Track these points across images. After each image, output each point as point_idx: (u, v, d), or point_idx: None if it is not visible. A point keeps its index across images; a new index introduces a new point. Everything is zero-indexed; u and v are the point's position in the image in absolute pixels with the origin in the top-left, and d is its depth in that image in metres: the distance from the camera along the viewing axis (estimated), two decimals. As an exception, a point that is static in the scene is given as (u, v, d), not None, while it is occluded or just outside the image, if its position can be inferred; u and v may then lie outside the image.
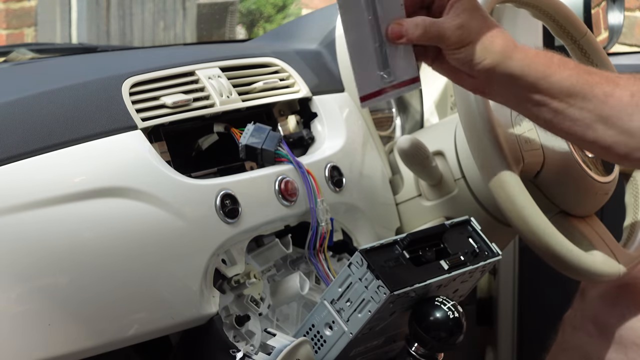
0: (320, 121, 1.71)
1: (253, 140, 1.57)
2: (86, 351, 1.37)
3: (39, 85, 1.51)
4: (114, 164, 1.41)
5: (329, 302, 1.43)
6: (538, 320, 2.18)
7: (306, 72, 1.74)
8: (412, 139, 1.68)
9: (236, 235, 1.50)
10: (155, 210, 1.42)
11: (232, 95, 1.60)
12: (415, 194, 1.79)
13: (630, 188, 1.81)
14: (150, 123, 1.49)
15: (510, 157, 1.58)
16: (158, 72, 1.55)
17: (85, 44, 3.64)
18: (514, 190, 1.55)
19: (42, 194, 1.34)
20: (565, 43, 1.78)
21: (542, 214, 1.57)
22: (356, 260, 1.40)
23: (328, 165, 1.65)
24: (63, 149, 1.39)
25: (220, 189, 1.49)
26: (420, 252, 1.45)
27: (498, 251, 1.52)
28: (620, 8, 2.20)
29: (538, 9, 1.72)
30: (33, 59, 2.06)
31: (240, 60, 1.68)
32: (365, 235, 1.69)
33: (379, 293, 1.38)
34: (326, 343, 1.44)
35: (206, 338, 1.47)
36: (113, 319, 1.38)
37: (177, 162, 1.51)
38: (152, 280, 1.41)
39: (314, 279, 1.61)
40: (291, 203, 1.57)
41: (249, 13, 5.53)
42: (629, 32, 3.23)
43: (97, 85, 1.49)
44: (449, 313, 1.40)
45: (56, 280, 1.34)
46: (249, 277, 1.52)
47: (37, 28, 4.88)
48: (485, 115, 1.56)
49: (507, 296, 2.19)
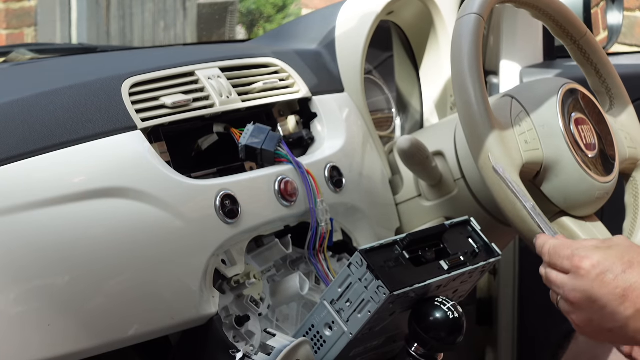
0: (320, 121, 1.72)
1: (253, 141, 1.57)
2: (86, 351, 1.37)
3: (39, 85, 1.51)
4: (113, 164, 1.41)
5: (328, 303, 1.43)
6: (538, 320, 2.18)
7: (306, 73, 1.74)
8: (412, 139, 1.68)
9: (236, 235, 1.50)
10: (155, 210, 1.42)
11: (231, 95, 1.60)
12: (415, 194, 1.79)
13: (630, 188, 1.81)
14: (150, 123, 1.49)
15: (510, 157, 1.58)
16: (158, 73, 1.55)
17: (85, 44, 3.64)
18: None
19: (42, 195, 1.34)
20: (565, 43, 1.78)
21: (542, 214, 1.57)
22: (356, 260, 1.40)
23: (328, 165, 1.65)
24: (63, 149, 1.39)
25: (220, 189, 1.49)
26: (420, 252, 1.45)
27: (498, 251, 1.52)
28: (619, 8, 2.20)
29: (538, 9, 1.72)
30: (33, 59, 2.06)
31: (240, 60, 1.68)
32: (365, 236, 1.69)
33: (379, 293, 1.38)
34: (326, 343, 1.44)
35: (206, 338, 1.47)
36: (113, 319, 1.38)
37: (177, 162, 1.51)
38: (152, 281, 1.41)
39: (313, 279, 1.61)
40: (291, 203, 1.57)
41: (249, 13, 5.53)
42: (628, 32, 3.23)
43: (97, 85, 1.49)
44: (448, 313, 1.40)
45: (56, 281, 1.34)
46: (248, 278, 1.52)
47: (37, 28, 4.88)
48: (485, 115, 1.56)
49: (507, 296, 2.19)
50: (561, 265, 1.35)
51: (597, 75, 1.81)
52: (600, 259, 1.31)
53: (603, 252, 1.32)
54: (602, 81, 1.81)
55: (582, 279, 1.32)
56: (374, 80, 2.04)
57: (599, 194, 1.69)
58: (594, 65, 1.79)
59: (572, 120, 1.69)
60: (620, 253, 1.32)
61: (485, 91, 1.57)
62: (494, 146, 1.55)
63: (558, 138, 1.66)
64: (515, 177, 1.56)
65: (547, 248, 1.38)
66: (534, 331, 2.19)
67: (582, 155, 1.68)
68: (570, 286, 1.33)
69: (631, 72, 2.12)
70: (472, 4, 1.60)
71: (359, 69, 1.81)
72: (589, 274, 1.31)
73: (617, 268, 1.30)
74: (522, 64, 2.10)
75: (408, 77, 2.04)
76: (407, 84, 2.04)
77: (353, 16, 1.86)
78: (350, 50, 1.82)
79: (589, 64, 1.79)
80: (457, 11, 1.97)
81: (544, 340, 2.17)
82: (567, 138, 1.66)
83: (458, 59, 1.57)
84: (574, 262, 1.33)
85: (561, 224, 1.68)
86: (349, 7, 1.89)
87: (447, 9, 1.98)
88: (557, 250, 1.36)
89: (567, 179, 1.67)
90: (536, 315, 2.18)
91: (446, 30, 1.98)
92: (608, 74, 1.80)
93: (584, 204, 1.69)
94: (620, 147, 1.77)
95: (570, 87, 1.72)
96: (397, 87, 2.05)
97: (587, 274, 1.31)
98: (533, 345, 2.21)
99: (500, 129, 1.59)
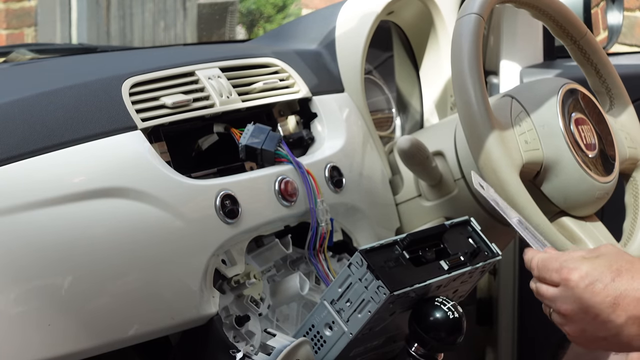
0: (320, 121, 1.72)
1: (253, 141, 1.57)
2: (86, 351, 1.37)
3: (39, 85, 1.51)
4: (113, 164, 1.41)
5: (328, 303, 1.43)
6: (538, 320, 2.18)
7: (306, 73, 1.74)
8: (412, 139, 1.68)
9: (236, 235, 1.50)
10: (155, 210, 1.42)
11: (232, 95, 1.60)
12: (415, 194, 1.79)
13: (630, 188, 1.81)
14: (150, 123, 1.49)
15: (510, 157, 1.58)
16: (158, 73, 1.55)
17: (85, 44, 3.64)
18: (514, 190, 1.55)
19: (42, 195, 1.34)
20: (565, 43, 1.78)
21: (542, 214, 1.57)
22: (356, 260, 1.40)
23: (328, 165, 1.65)
24: (63, 149, 1.39)
25: (220, 189, 1.49)
26: (420, 252, 1.45)
27: (498, 251, 1.52)
28: (619, 8, 2.20)
29: (538, 9, 1.72)
30: (33, 59, 2.06)
31: (240, 60, 1.68)
32: (365, 236, 1.69)
33: (379, 293, 1.38)
34: (326, 343, 1.44)
35: (206, 338, 1.47)
36: (113, 319, 1.38)
37: (177, 162, 1.51)
38: (152, 281, 1.41)
39: (313, 279, 1.61)
40: (291, 203, 1.57)
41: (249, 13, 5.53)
42: (628, 32, 3.23)
43: (97, 85, 1.49)
44: (448, 313, 1.40)
45: (56, 281, 1.34)
46: (248, 278, 1.52)
47: (37, 28, 4.88)
48: (485, 115, 1.56)
49: (507, 296, 2.19)
50: (550, 278, 1.35)
51: (597, 75, 1.81)
52: (588, 269, 1.32)
53: (591, 262, 1.33)
54: (602, 81, 1.81)
55: (572, 291, 1.32)
56: (374, 80, 2.04)
57: (599, 194, 1.69)
58: (594, 65, 1.79)
59: (572, 120, 1.69)
60: (608, 262, 1.32)
61: (485, 91, 1.57)
62: (494, 146, 1.55)
63: (558, 138, 1.66)
64: (515, 177, 1.56)
65: (536, 262, 1.38)
66: (534, 331, 2.19)
67: (582, 155, 1.68)
68: (561, 299, 1.33)
69: (631, 72, 2.12)
70: (472, 4, 1.60)
71: (359, 69, 1.81)
72: (578, 285, 1.31)
73: (606, 277, 1.31)
74: (522, 64, 2.10)
75: (408, 77, 2.04)
76: (407, 84, 2.04)
77: (353, 16, 1.86)
78: (350, 50, 1.82)
79: (589, 64, 1.79)
80: (457, 11, 1.97)
81: (544, 340, 2.17)
82: (567, 138, 1.66)
83: (458, 59, 1.57)
84: (562, 275, 1.33)
85: (561, 224, 1.69)
86: (349, 7, 1.89)
87: (447, 9, 1.98)
88: (545, 264, 1.36)
89: (567, 179, 1.67)
90: (536, 315, 2.17)
91: (446, 30, 1.98)
92: (608, 74, 1.80)
93: (584, 204, 1.69)
94: (620, 147, 1.77)
95: (570, 87, 1.72)
96: (397, 87, 2.05)
97: (576, 285, 1.32)
98: (533, 345, 2.21)
99: (500, 129, 1.59)
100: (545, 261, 1.37)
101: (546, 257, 1.37)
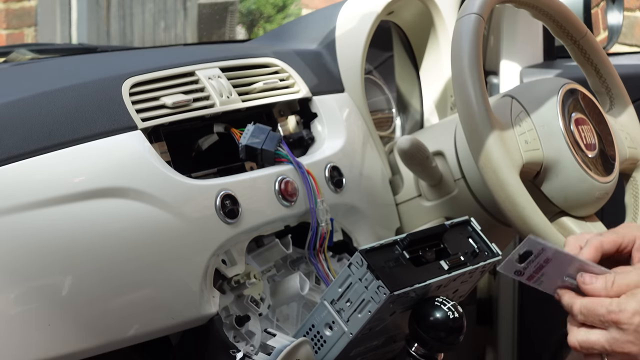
0: (320, 121, 1.72)
1: (253, 141, 1.57)
2: (86, 351, 1.37)
3: (39, 85, 1.51)
4: (114, 164, 1.41)
5: (329, 303, 1.43)
6: (538, 320, 2.18)
7: (306, 73, 1.74)
8: (412, 139, 1.68)
9: (236, 235, 1.50)
10: (155, 210, 1.42)
11: (232, 95, 1.60)
12: (415, 194, 1.79)
13: (630, 188, 1.81)
14: (150, 123, 1.49)
15: (510, 157, 1.58)
16: (158, 73, 1.55)
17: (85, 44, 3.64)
18: (514, 190, 1.55)
19: (42, 194, 1.34)
20: (565, 43, 1.78)
21: (542, 214, 1.57)
22: (356, 260, 1.40)
23: (328, 165, 1.65)
24: (63, 149, 1.39)
25: (220, 189, 1.49)
26: (420, 252, 1.45)
27: (498, 251, 1.52)
28: (619, 8, 2.20)
29: (538, 9, 1.72)
30: (33, 59, 2.06)
31: (240, 60, 1.68)
32: (365, 236, 1.69)
33: (379, 293, 1.38)
34: (326, 343, 1.44)
35: (206, 338, 1.47)
36: (113, 319, 1.38)
37: (177, 162, 1.51)
38: (152, 281, 1.41)
39: (314, 279, 1.61)
40: (291, 203, 1.57)
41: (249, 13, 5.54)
42: (628, 32, 3.23)
43: (97, 85, 1.49)
44: (449, 313, 1.40)
45: (56, 281, 1.34)
46: (249, 278, 1.52)
47: (37, 28, 4.89)
48: (485, 115, 1.56)
49: (507, 296, 2.19)
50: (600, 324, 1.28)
51: (597, 75, 1.81)
52: (637, 307, 1.26)
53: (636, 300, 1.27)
54: (602, 81, 1.81)
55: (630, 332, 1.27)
56: (374, 80, 2.04)
57: (599, 194, 1.69)
58: (594, 65, 1.79)
59: (572, 120, 1.69)
60: None
61: (485, 91, 1.57)
62: (494, 146, 1.55)
63: (558, 138, 1.66)
64: (515, 177, 1.56)
65: (579, 308, 1.30)
66: (534, 331, 2.19)
67: (582, 155, 1.68)
68: (622, 340, 1.27)
69: (631, 72, 2.12)
70: (472, 4, 1.60)
71: (359, 69, 1.81)
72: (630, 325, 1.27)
73: None
74: (522, 64, 2.10)
75: (408, 77, 2.04)
76: (407, 84, 2.04)
77: (353, 16, 1.86)
78: (350, 50, 1.82)
79: (589, 64, 1.79)
80: (457, 11, 1.97)
81: (544, 340, 2.17)
82: (567, 138, 1.66)
83: (458, 59, 1.57)
84: (611, 318, 1.27)
85: (561, 224, 1.69)
86: (349, 7, 1.89)
87: (447, 9, 1.98)
88: (590, 310, 1.29)
89: (567, 179, 1.67)
90: (536, 315, 2.18)
91: (446, 30, 1.98)
92: (608, 74, 1.80)
93: (584, 204, 1.69)
94: (620, 147, 1.77)
95: (570, 87, 1.72)
96: (397, 87, 2.05)
97: (629, 326, 1.27)
98: (533, 345, 2.21)
99: (500, 129, 1.59)
100: (589, 306, 1.29)
101: (589, 303, 1.30)
